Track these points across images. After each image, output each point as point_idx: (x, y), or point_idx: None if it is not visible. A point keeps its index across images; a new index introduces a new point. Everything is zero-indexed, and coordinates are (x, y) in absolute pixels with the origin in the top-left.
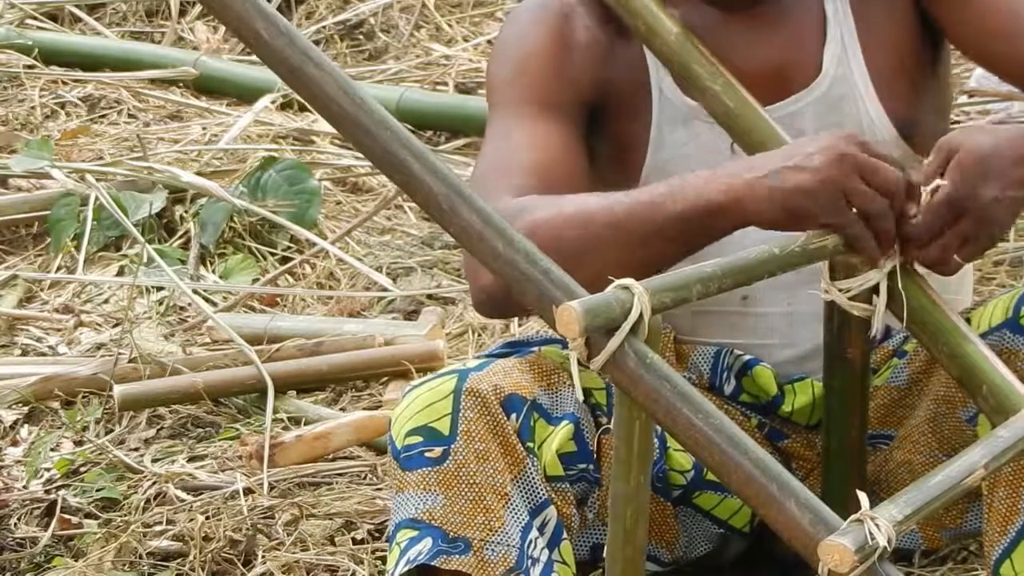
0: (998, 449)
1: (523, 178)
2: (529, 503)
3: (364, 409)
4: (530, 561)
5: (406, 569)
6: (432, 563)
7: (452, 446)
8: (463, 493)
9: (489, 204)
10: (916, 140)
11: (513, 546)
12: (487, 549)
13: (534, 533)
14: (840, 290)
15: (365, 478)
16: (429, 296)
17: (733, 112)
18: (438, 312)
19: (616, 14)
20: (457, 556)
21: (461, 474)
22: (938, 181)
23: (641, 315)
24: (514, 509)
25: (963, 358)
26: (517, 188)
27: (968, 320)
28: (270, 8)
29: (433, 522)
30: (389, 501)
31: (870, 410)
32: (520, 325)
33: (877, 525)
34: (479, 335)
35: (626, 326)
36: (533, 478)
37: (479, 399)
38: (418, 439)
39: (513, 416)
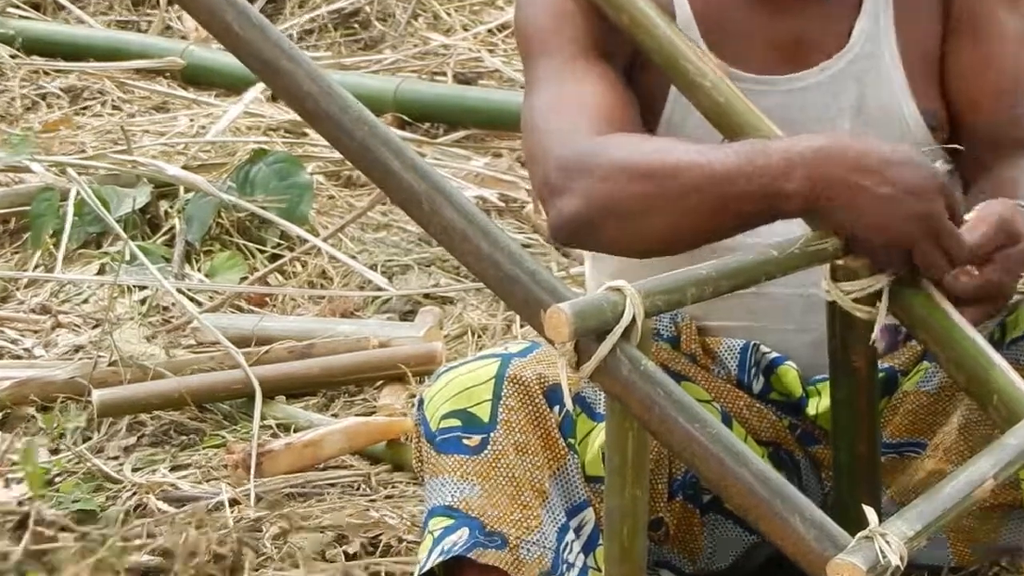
0: (1007, 458)
1: (590, 118)
2: (567, 502)
3: (357, 415)
4: (565, 566)
5: (440, 560)
6: (468, 555)
7: (491, 435)
8: (500, 486)
9: (562, 145)
10: (939, 135)
11: (549, 548)
12: (523, 548)
13: (571, 535)
14: (843, 292)
15: (358, 488)
16: (426, 296)
17: (723, 108)
18: (436, 312)
19: None
20: (494, 551)
21: (499, 465)
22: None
23: (634, 319)
24: (551, 508)
25: (972, 367)
26: (588, 127)
27: (1003, 325)
28: None
29: (470, 512)
30: (422, 482)
31: (898, 416)
32: (520, 327)
33: (888, 542)
34: (479, 336)
35: (618, 329)
36: (573, 476)
37: (522, 387)
38: (455, 423)
39: (556, 408)
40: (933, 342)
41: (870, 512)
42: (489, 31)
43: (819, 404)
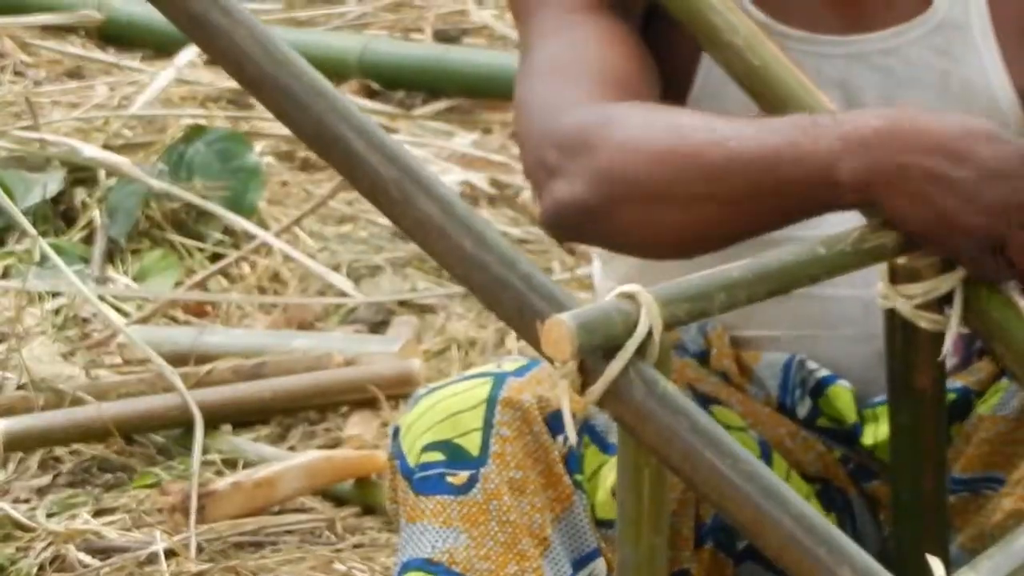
0: None
1: (596, 83)
2: (573, 552)
3: (319, 448)
4: None
5: None
6: None
7: (482, 471)
8: (492, 533)
9: (558, 116)
10: None
11: None
12: None
13: None
14: (905, 297)
15: (320, 536)
16: (401, 303)
17: (759, 72)
18: (413, 323)
19: None
20: None
21: (491, 508)
22: None
23: (650, 332)
24: (555, 559)
25: None
26: (592, 92)
27: None
28: None
29: (455, 566)
30: (397, 528)
31: (972, 446)
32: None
33: None
34: (466, 352)
35: (631, 345)
36: (580, 520)
37: (519, 413)
38: (438, 457)
39: (560, 439)
40: (1012, 357)
41: (935, 563)
42: None
43: (877, 432)
